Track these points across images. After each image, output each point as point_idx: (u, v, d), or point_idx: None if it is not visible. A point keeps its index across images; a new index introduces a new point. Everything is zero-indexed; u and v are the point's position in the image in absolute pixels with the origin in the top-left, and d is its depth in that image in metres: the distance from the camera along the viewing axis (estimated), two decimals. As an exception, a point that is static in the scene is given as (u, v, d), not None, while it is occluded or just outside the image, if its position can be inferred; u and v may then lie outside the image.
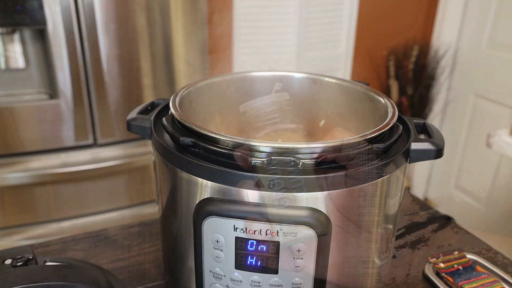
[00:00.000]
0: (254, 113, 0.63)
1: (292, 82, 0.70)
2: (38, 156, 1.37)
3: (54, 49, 1.28)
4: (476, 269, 0.71)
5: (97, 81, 1.35)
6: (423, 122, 0.59)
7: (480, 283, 0.67)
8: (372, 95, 0.61)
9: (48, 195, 1.42)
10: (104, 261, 0.74)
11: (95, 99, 1.37)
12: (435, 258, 0.72)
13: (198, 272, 0.50)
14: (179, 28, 1.42)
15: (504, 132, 1.44)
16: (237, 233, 0.46)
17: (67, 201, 1.45)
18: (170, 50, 1.44)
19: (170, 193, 0.51)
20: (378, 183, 0.48)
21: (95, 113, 1.39)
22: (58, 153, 1.39)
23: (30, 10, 1.21)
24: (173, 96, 0.57)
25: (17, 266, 0.53)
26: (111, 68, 1.36)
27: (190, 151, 0.48)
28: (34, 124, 1.34)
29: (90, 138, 1.42)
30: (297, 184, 0.44)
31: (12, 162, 1.35)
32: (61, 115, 1.35)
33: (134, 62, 1.39)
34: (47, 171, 1.37)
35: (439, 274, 0.70)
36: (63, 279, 0.48)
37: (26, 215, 1.42)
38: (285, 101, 0.65)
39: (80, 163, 1.40)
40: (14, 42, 1.31)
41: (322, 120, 0.70)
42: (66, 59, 1.30)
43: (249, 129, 0.68)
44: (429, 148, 0.52)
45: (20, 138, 1.34)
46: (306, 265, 0.47)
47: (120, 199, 1.52)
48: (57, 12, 1.23)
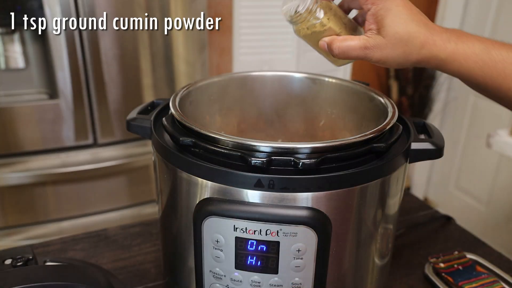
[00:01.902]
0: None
1: (292, 82, 0.70)
2: (38, 156, 1.37)
3: (54, 49, 1.27)
4: (476, 269, 0.71)
5: (97, 81, 1.35)
6: (423, 122, 0.59)
7: (480, 283, 0.67)
8: (372, 95, 0.61)
9: (48, 195, 1.42)
10: (104, 261, 0.74)
11: (95, 99, 1.37)
12: (435, 258, 0.72)
13: (198, 272, 0.50)
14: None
15: (504, 132, 1.44)
16: (237, 233, 0.46)
17: (67, 201, 1.45)
18: (170, 50, 1.44)
19: (170, 193, 0.51)
20: (378, 183, 0.48)
21: (95, 113, 1.39)
22: (58, 153, 1.39)
23: (30, 10, 1.21)
24: (173, 96, 0.57)
25: (17, 266, 0.53)
26: (111, 68, 1.36)
27: (190, 151, 0.48)
28: (34, 124, 1.34)
29: (90, 138, 1.42)
30: (297, 184, 0.44)
31: (12, 162, 1.35)
32: (61, 115, 1.35)
33: (134, 62, 1.39)
34: (47, 171, 1.36)
35: (439, 274, 0.70)
36: (63, 279, 0.49)
37: (26, 215, 1.42)
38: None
39: (80, 163, 1.40)
40: (14, 42, 1.30)
41: (322, 120, 0.70)
42: (66, 59, 1.29)
43: (250, 129, 0.68)
44: (429, 148, 0.52)
45: (20, 138, 1.34)
46: (306, 265, 0.47)
47: (120, 199, 1.51)
48: (57, 12, 1.23)
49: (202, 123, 0.65)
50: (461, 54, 0.46)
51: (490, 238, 1.01)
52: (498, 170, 2.02)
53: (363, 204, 0.47)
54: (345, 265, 0.50)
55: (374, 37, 0.48)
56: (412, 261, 0.75)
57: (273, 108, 0.71)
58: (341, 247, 0.48)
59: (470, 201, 2.22)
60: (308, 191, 0.44)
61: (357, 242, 0.50)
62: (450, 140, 2.25)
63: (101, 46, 1.32)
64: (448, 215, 0.87)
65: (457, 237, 0.82)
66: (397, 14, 0.46)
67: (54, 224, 1.45)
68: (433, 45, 0.46)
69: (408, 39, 0.46)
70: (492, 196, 2.08)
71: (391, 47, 0.47)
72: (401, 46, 0.47)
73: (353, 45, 0.49)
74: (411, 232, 0.82)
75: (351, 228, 0.48)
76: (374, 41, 0.48)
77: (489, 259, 0.74)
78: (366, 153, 0.47)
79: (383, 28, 0.47)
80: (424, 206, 0.92)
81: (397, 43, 0.47)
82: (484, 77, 0.47)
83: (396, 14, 0.46)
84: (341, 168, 0.45)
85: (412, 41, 0.46)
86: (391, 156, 0.49)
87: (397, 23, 0.46)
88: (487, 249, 0.78)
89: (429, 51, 0.47)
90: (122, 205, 1.52)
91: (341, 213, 0.46)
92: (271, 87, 0.71)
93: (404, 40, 0.46)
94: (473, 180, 2.20)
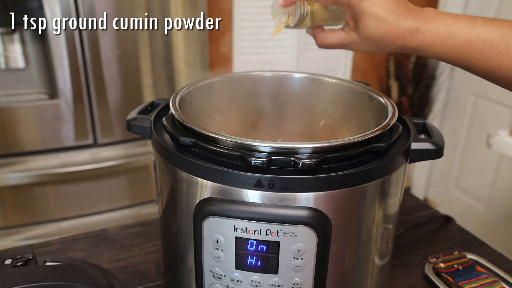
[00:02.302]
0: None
1: (292, 82, 0.70)
2: (38, 156, 1.37)
3: (54, 49, 1.28)
4: (476, 269, 0.71)
5: (97, 81, 1.35)
6: (423, 122, 0.59)
7: (480, 283, 0.67)
8: (372, 95, 0.61)
9: (48, 195, 1.42)
10: (104, 261, 0.74)
11: (95, 99, 1.37)
12: (435, 258, 0.72)
13: (198, 272, 0.50)
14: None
15: (504, 132, 1.44)
16: (237, 233, 0.46)
17: (67, 201, 1.45)
18: (170, 50, 1.44)
19: (170, 193, 0.51)
20: (378, 183, 0.48)
21: (95, 113, 1.39)
22: (58, 153, 1.39)
23: (30, 10, 1.21)
24: (173, 96, 0.57)
25: (17, 266, 0.53)
26: (111, 68, 1.36)
27: (190, 151, 0.48)
28: (34, 124, 1.34)
29: (90, 138, 1.42)
30: (297, 184, 0.44)
31: (12, 162, 1.35)
32: (61, 115, 1.35)
33: (134, 62, 1.39)
34: (47, 171, 1.37)
35: (439, 274, 0.70)
36: (63, 279, 0.49)
37: (26, 215, 1.42)
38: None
39: (80, 163, 1.40)
40: (14, 42, 1.31)
41: (322, 120, 0.70)
42: (66, 59, 1.30)
43: (250, 129, 0.68)
44: (429, 148, 0.52)
45: (20, 138, 1.34)
46: (306, 265, 0.47)
47: (120, 199, 1.52)
48: (57, 12, 1.23)
49: (202, 123, 0.65)
50: (428, 43, 0.50)
51: (490, 238, 1.01)
52: (498, 170, 2.02)
53: (363, 204, 0.47)
54: (345, 265, 0.50)
55: (350, 34, 0.54)
56: (412, 261, 0.75)
57: (273, 108, 0.71)
58: (341, 247, 0.48)
59: (470, 201, 2.22)
60: (308, 191, 0.44)
61: (357, 242, 0.50)
62: (450, 140, 2.25)
63: (101, 46, 1.32)
64: (448, 215, 0.87)
65: (457, 237, 0.82)
66: (371, 17, 0.50)
67: (54, 224, 1.45)
68: (404, 40, 0.50)
69: (380, 39, 0.51)
70: (492, 196, 2.08)
71: (365, 44, 0.53)
72: (375, 44, 0.52)
73: (332, 41, 0.56)
74: (411, 232, 0.82)
75: (351, 228, 0.48)
76: (350, 38, 0.54)
77: (489, 259, 0.74)
78: (366, 153, 0.47)
79: (358, 28, 0.52)
80: (424, 206, 0.92)
81: (370, 41, 0.52)
82: (453, 59, 0.51)
83: (370, 16, 0.50)
84: (341, 168, 0.45)
85: (384, 39, 0.51)
86: (391, 156, 0.49)
87: (370, 25, 0.50)
88: (487, 249, 0.78)
89: (400, 44, 0.51)
90: (122, 205, 1.52)
91: (341, 213, 0.46)
92: (271, 87, 0.70)
93: (376, 40, 0.51)
94: (473, 180, 2.20)
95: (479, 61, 0.49)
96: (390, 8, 0.50)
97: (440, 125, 2.36)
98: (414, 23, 0.50)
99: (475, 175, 2.18)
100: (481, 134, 2.01)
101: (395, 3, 0.50)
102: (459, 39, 0.49)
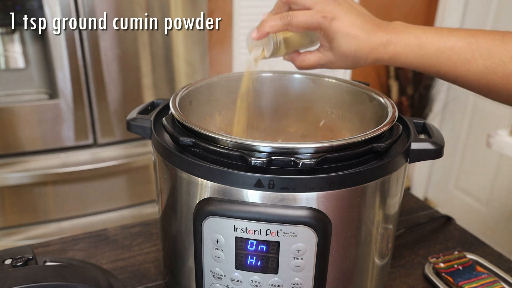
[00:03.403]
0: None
1: (292, 82, 0.70)
2: (38, 156, 1.37)
3: (54, 49, 1.28)
4: (476, 269, 0.71)
5: (97, 81, 1.35)
6: (423, 122, 0.59)
7: (480, 283, 0.67)
8: (372, 95, 0.61)
9: (48, 195, 1.42)
10: (104, 261, 0.74)
11: (95, 99, 1.37)
12: (435, 258, 0.72)
13: (198, 272, 0.50)
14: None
15: (504, 132, 1.44)
16: (237, 233, 0.46)
17: (67, 201, 1.45)
18: (170, 50, 1.44)
19: (170, 193, 0.51)
20: (378, 183, 0.48)
21: (95, 113, 1.39)
22: (58, 153, 1.39)
23: (30, 10, 1.21)
24: (173, 96, 0.57)
25: (17, 266, 0.53)
26: (111, 68, 1.36)
27: (190, 151, 0.48)
28: (34, 124, 1.34)
29: (90, 138, 1.42)
30: (297, 184, 0.44)
31: (12, 162, 1.35)
32: (61, 115, 1.35)
33: (134, 62, 1.39)
34: (47, 171, 1.37)
35: (439, 274, 0.70)
36: (63, 279, 0.49)
37: (26, 215, 1.42)
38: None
39: (80, 163, 1.40)
40: (14, 42, 1.31)
41: (322, 120, 0.70)
42: (66, 59, 1.30)
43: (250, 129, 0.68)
44: (429, 148, 0.52)
45: (20, 138, 1.34)
46: (306, 265, 0.47)
47: (120, 199, 1.52)
48: (57, 12, 1.23)
49: (202, 123, 0.65)
50: (400, 53, 0.53)
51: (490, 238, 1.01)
52: (498, 170, 2.02)
53: (363, 204, 0.47)
54: (345, 265, 0.50)
55: (325, 54, 0.56)
56: (412, 261, 0.75)
57: (273, 108, 0.72)
58: (341, 247, 0.48)
59: (470, 201, 2.22)
60: (308, 191, 0.44)
61: (357, 242, 0.50)
62: (450, 140, 2.25)
63: (101, 46, 1.32)
64: (448, 215, 0.87)
65: (457, 237, 0.82)
66: (343, 36, 0.53)
67: (54, 224, 1.45)
68: (377, 53, 0.53)
69: (355, 55, 0.54)
70: (492, 196, 2.08)
71: (341, 61, 0.56)
72: (350, 60, 0.55)
73: (310, 63, 0.58)
74: (411, 232, 0.82)
75: (351, 228, 0.48)
76: (326, 58, 0.57)
77: (489, 259, 0.74)
78: (366, 153, 0.47)
79: (333, 48, 0.55)
80: (424, 206, 0.92)
81: (345, 58, 0.55)
82: (425, 67, 0.54)
83: (342, 36, 0.53)
84: (341, 168, 0.45)
85: (358, 55, 0.54)
86: (391, 156, 0.49)
87: (343, 44, 0.53)
88: (487, 249, 0.78)
89: (374, 57, 0.54)
90: (122, 205, 1.52)
91: (341, 213, 0.46)
92: (271, 87, 0.71)
93: (351, 56, 0.54)
94: (473, 180, 2.20)
95: (448, 67, 0.53)
96: (360, 25, 0.53)
97: (440, 125, 2.36)
98: (385, 36, 0.53)
99: (475, 175, 2.18)
100: (481, 134, 2.01)
101: (364, 21, 0.53)
102: (428, 48, 0.52)
